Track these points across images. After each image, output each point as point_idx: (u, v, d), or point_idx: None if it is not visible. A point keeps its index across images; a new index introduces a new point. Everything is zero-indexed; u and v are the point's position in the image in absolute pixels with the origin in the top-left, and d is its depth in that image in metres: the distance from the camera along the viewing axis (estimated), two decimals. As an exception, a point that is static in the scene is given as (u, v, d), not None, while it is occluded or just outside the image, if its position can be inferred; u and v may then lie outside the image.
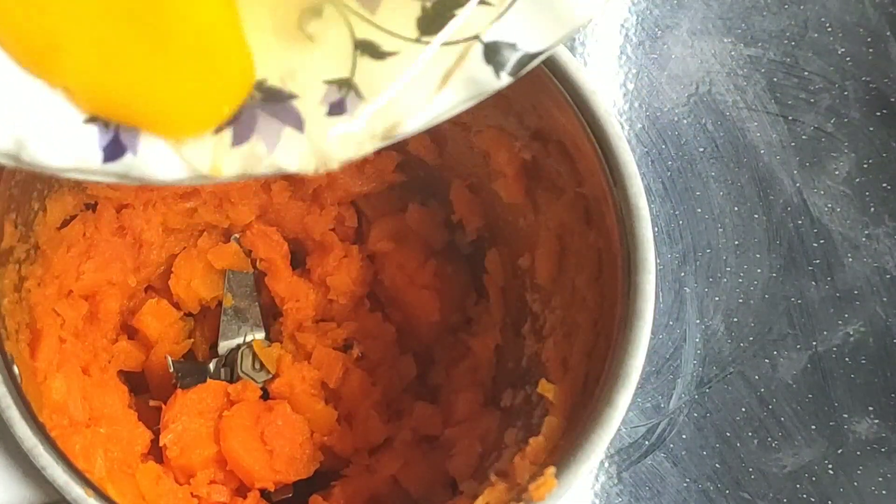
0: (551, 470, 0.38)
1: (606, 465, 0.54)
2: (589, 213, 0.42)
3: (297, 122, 0.30)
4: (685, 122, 0.58)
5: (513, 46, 0.30)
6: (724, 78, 0.58)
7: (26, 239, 0.43)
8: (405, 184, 0.52)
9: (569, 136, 0.41)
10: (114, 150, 0.28)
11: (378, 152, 0.33)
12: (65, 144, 0.28)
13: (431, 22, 0.30)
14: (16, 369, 0.38)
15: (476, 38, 0.30)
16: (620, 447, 0.54)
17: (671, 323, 0.55)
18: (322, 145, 0.30)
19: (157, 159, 0.29)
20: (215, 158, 0.29)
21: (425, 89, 0.30)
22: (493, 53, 0.30)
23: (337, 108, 0.30)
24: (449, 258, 0.52)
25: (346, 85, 0.30)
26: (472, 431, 0.47)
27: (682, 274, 0.56)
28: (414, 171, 0.51)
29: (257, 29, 0.29)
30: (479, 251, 0.51)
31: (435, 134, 0.50)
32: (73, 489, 0.36)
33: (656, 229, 0.51)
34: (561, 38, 0.30)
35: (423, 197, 0.52)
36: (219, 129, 0.29)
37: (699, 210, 0.57)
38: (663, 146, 0.57)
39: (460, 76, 0.31)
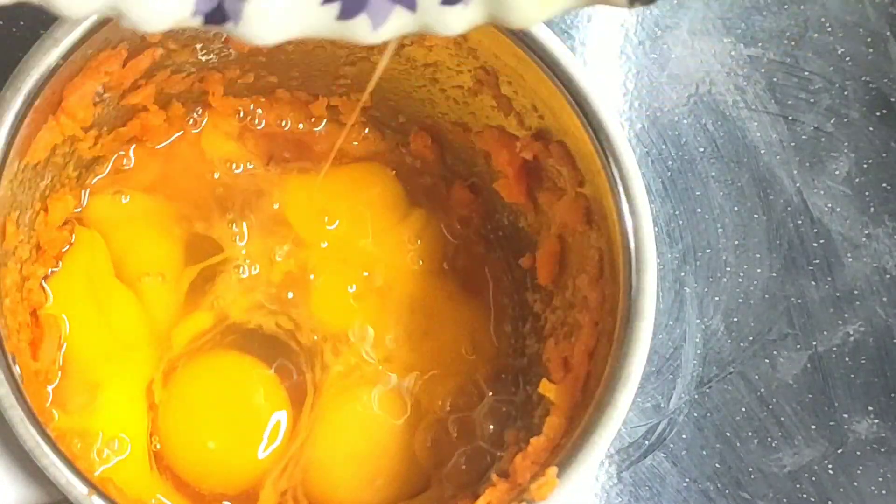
0: (553, 470, 0.38)
1: (606, 465, 0.54)
2: (590, 214, 0.42)
3: (411, 3, 0.28)
4: (685, 122, 0.58)
5: None
6: (724, 78, 0.58)
7: (28, 239, 0.43)
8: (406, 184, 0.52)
9: (570, 136, 0.41)
10: (216, 17, 0.28)
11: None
12: (164, 9, 0.27)
13: None
14: (17, 369, 0.38)
15: None
16: (620, 447, 0.54)
17: (671, 323, 0.55)
18: (429, 27, 0.29)
19: (259, 27, 0.28)
20: (316, 25, 0.28)
21: None
22: None
23: None
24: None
25: None
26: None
27: (682, 274, 0.56)
28: (415, 171, 0.52)
29: None
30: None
31: (435, 133, 0.51)
32: (75, 489, 0.36)
33: (656, 229, 0.51)
34: None
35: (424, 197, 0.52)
36: (326, 1, 0.28)
37: (699, 210, 0.57)
38: (663, 146, 0.57)
39: None
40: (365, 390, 0.48)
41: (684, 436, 0.54)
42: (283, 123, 0.51)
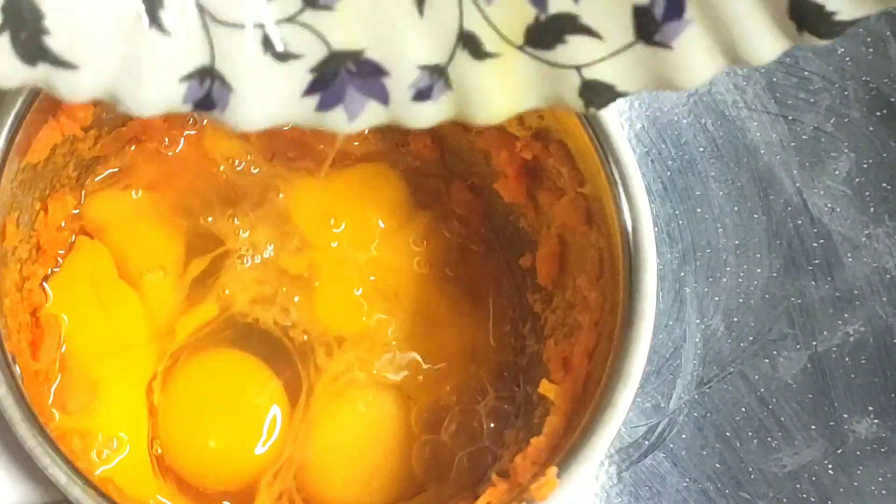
0: (553, 470, 0.38)
1: (606, 465, 0.54)
2: (590, 214, 0.42)
3: (384, 98, 0.30)
4: (685, 122, 0.58)
5: (611, 87, 0.30)
6: (724, 78, 0.58)
7: (28, 239, 0.43)
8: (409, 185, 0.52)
9: (570, 136, 0.41)
10: (204, 104, 0.29)
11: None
12: (157, 98, 0.29)
13: (540, 35, 0.30)
14: (17, 369, 0.38)
15: (577, 70, 0.30)
16: (620, 447, 0.54)
17: (671, 323, 0.55)
18: (400, 120, 0.30)
19: (243, 115, 0.29)
20: (297, 115, 0.30)
21: (505, 93, 0.30)
22: (588, 90, 0.30)
23: (423, 95, 0.30)
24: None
25: (438, 73, 0.30)
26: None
27: (682, 274, 0.56)
28: (415, 171, 0.52)
29: None
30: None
31: (436, 133, 0.51)
32: (75, 489, 0.36)
33: (656, 229, 0.51)
34: (659, 88, 0.30)
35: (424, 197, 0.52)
36: (307, 94, 0.30)
37: (699, 210, 0.57)
38: (663, 146, 0.57)
39: (545, 93, 0.30)
40: (363, 392, 0.48)
41: (684, 436, 0.54)
42: (283, 122, 0.51)
